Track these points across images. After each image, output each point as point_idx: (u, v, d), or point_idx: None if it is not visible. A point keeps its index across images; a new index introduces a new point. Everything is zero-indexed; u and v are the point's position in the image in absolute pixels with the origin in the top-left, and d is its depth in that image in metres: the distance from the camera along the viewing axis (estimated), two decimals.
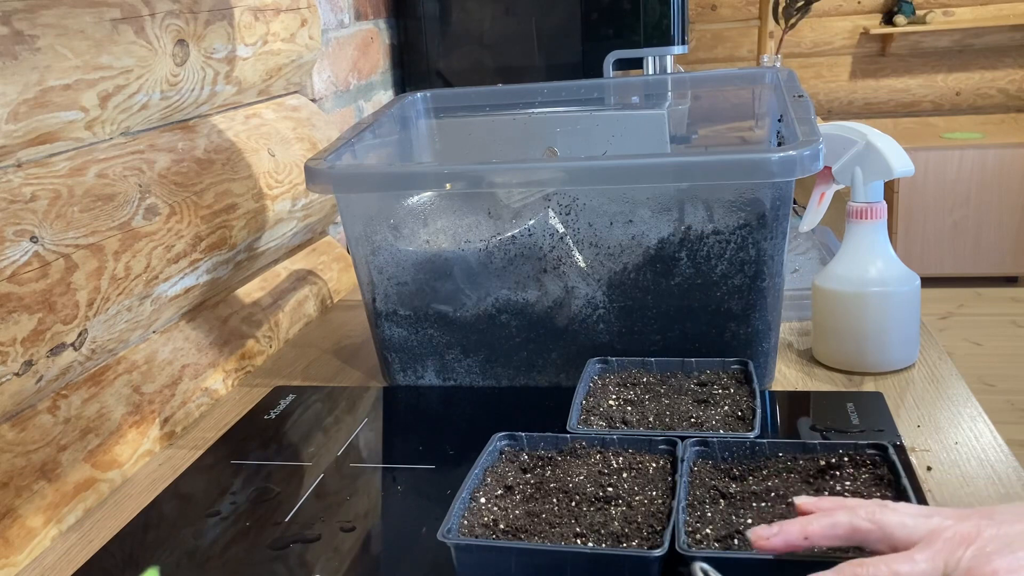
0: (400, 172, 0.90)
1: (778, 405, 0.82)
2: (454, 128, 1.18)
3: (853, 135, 0.88)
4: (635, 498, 0.61)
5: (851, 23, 3.96)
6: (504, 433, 0.69)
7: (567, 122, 1.17)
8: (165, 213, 0.87)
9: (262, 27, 1.07)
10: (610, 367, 0.82)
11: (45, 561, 0.68)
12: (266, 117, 1.12)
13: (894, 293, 0.84)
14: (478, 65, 1.57)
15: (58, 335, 0.72)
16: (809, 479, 0.62)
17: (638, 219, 0.81)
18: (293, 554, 0.65)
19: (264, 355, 1.05)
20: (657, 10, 1.43)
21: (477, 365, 0.89)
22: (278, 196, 1.07)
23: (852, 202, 0.87)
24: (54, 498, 0.72)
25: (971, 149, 3.39)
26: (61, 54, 0.75)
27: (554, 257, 0.84)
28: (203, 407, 0.92)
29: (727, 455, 0.66)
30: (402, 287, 0.88)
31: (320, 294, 1.21)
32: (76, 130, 0.79)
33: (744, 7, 3.95)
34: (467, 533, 0.58)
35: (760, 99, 1.16)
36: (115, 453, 0.79)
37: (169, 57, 0.89)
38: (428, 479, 0.74)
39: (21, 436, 0.71)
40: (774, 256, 0.80)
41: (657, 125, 1.18)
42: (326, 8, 1.35)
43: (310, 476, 0.75)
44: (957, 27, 3.69)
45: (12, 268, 0.68)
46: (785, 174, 0.74)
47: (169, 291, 0.87)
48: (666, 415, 0.73)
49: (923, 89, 3.95)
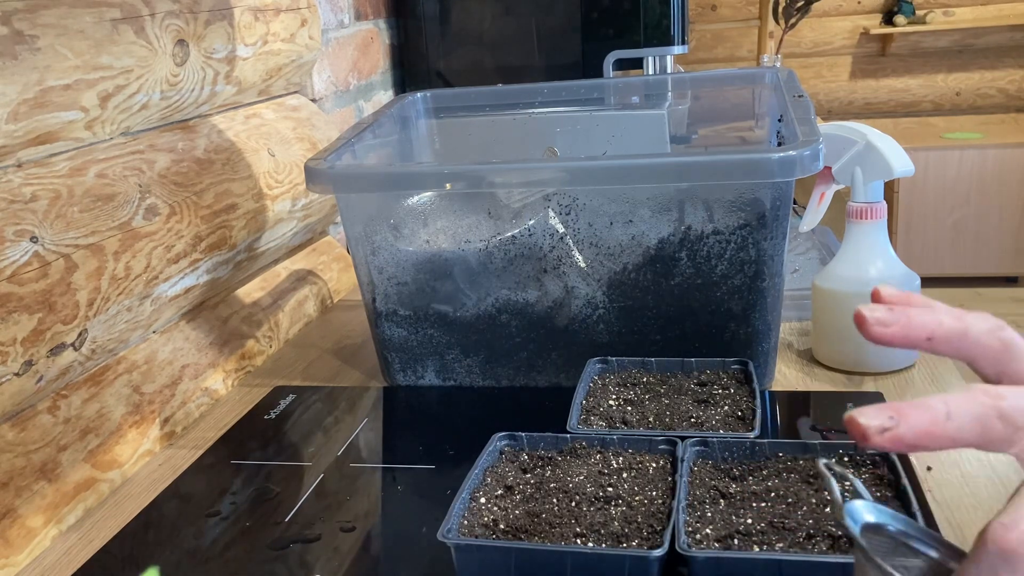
0: (400, 172, 0.90)
1: (778, 405, 0.82)
2: (454, 128, 1.18)
3: (853, 135, 0.88)
4: (635, 498, 0.61)
5: (851, 23, 3.96)
6: (504, 433, 0.69)
7: (567, 122, 1.17)
8: (165, 213, 0.87)
9: (262, 27, 1.07)
10: (610, 367, 0.82)
11: (45, 561, 0.68)
12: (266, 117, 1.12)
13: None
14: (478, 65, 1.57)
15: (58, 335, 0.72)
16: (809, 479, 0.62)
17: (638, 219, 0.82)
18: (293, 554, 0.65)
19: (264, 355, 1.05)
20: (657, 10, 1.43)
21: (477, 365, 0.89)
22: (278, 196, 1.07)
23: (852, 202, 0.87)
24: (54, 498, 0.72)
25: (971, 149, 3.39)
26: (61, 54, 0.75)
27: (554, 257, 0.84)
28: (203, 407, 0.92)
29: (727, 455, 0.66)
30: (402, 287, 0.88)
31: (320, 294, 1.21)
32: (76, 130, 0.79)
33: (744, 7, 3.95)
34: (467, 533, 0.58)
35: (760, 99, 1.16)
36: (115, 453, 0.79)
37: (169, 57, 0.89)
38: (428, 479, 0.74)
39: (21, 436, 0.71)
40: (774, 256, 0.80)
41: (657, 125, 1.18)
42: (326, 8, 1.35)
43: (310, 476, 0.75)
44: (957, 27, 3.70)
45: (12, 268, 0.68)
46: (785, 174, 0.74)
47: (169, 291, 0.87)
48: (666, 415, 0.73)
49: (923, 89, 3.95)
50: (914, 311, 0.40)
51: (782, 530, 0.56)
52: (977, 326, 0.39)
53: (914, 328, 0.39)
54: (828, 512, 0.58)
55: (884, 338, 0.40)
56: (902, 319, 0.39)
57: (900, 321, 0.39)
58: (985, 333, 0.39)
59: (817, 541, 0.55)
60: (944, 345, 0.40)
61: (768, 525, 0.57)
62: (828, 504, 0.59)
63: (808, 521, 0.57)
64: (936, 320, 0.39)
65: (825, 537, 0.55)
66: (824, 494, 0.60)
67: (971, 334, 0.39)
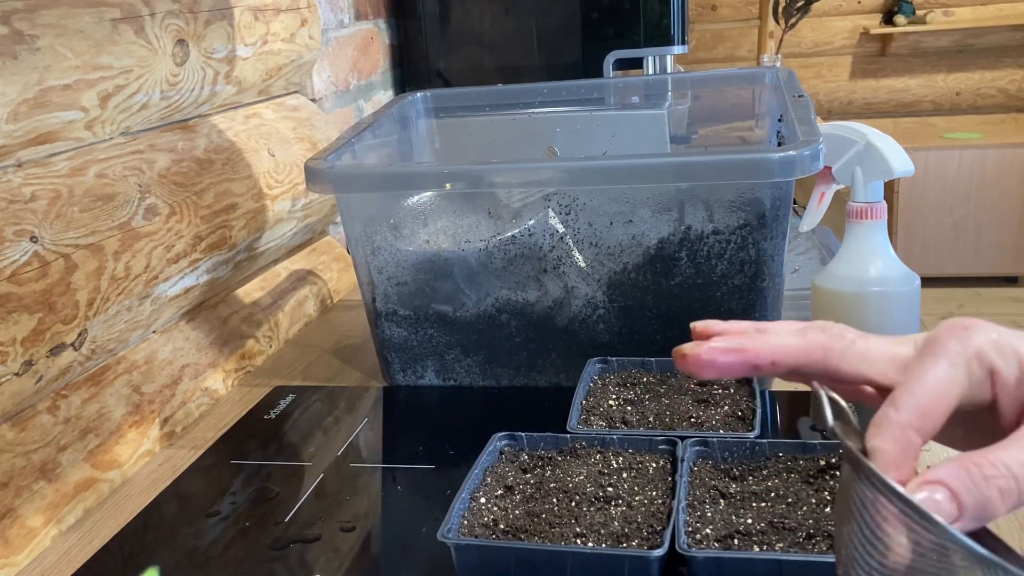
0: (400, 172, 0.90)
1: (778, 405, 0.82)
2: (454, 128, 1.18)
3: (853, 135, 0.87)
4: (635, 498, 0.61)
5: (851, 23, 3.96)
6: (504, 433, 0.69)
7: (567, 122, 1.17)
8: (165, 213, 0.87)
9: (262, 27, 1.07)
10: (610, 367, 0.82)
11: (45, 561, 0.68)
12: (266, 117, 1.12)
13: (894, 293, 0.84)
14: (478, 65, 1.57)
15: (58, 335, 0.72)
16: (809, 479, 0.62)
17: (638, 219, 0.82)
18: (293, 554, 0.65)
19: (264, 355, 1.05)
20: (657, 10, 1.43)
21: (477, 365, 0.89)
22: (278, 196, 1.07)
23: (852, 202, 0.87)
24: (54, 498, 0.72)
25: (971, 149, 3.39)
26: (61, 54, 0.75)
27: (554, 257, 0.84)
28: (203, 407, 0.92)
29: (727, 455, 0.66)
30: (402, 287, 0.88)
31: (320, 294, 1.21)
32: (76, 130, 0.79)
33: (744, 7, 3.95)
34: (467, 533, 0.58)
35: (760, 99, 1.16)
36: (115, 453, 0.79)
37: (169, 57, 0.89)
38: (428, 479, 0.74)
39: (21, 436, 0.71)
40: (774, 256, 0.80)
41: (657, 125, 1.18)
42: (326, 8, 1.35)
43: (310, 476, 0.75)
44: (957, 27, 3.70)
45: (12, 268, 0.68)
46: (785, 174, 0.74)
47: (169, 291, 0.87)
48: (666, 415, 0.73)
49: (923, 89, 3.95)
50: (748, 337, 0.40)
51: (782, 530, 0.56)
52: (814, 331, 0.39)
53: (747, 349, 0.39)
54: (828, 512, 0.58)
55: (705, 363, 0.40)
56: (726, 343, 0.40)
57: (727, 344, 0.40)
58: (830, 331, 0.39)
59: (817, 541, 0.55)
60: (783, 352, 0.39)
61: (768, 525, 0.57)
62: (829, 503, 0.59)
63: (808, 521, 0.57)
64: (764, 333, 0.40)
65: (825, 537, 0.55)
66: (824, 493, 0.60)
67: (812, 336, 0.39)
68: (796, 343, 0.39)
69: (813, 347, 0.39)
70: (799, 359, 0.39)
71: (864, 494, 0.34)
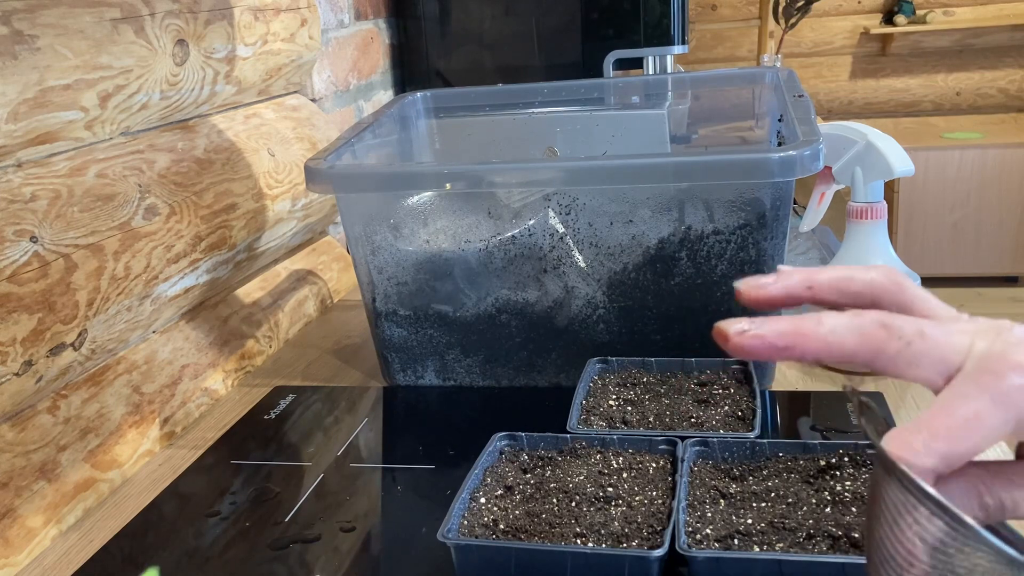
0: (400, 172, 0.90)
1: (778, 405, 0.82)
2: (454, 128, 1.18)
3: (853, 135, 0.88)
4: (635, 498, 0.61)
5: (851, 23, 3.96)
6: (504, 433, 0.69)
7: (567, 122, 1.17)
8: (165, 213, 0.87)
9: (262, 27, 1.07)
10: (610, 367, 0.82)
11: (45, 561, 0.68)
12: (266, 117, 1.12)
13: None
14: (478, 65, 1.57)
15: (58, 335, 0.72)
16: (809, 479, 0.62)
17: (638, 219, 0.82)
18: (293, 554, 0.65)
19: (264, 355, 1.05)
20: (657, 10, 1.43)
21: (477, 365, 0.89)
22: (278, 196, 1.07)
23: (852, 202, 0.87)
24: (54, 498, 0.72)
25: (971, 149, 3.39)
26: (61, 54, 0.75)
27: (554, 257, 0.84)
28: (203, 407, 0.92)
29: (727, 455, 0.66)
30: (402, 287, 0.88)
31: (320, 294, 1.21)
32: (76, 130, 0.79)
33: (744, 7, 3.95)
34: (467, 533, 0.58)
35: (760, 99, 1.16)
36: (115, 453, 0.79)
37: (169, 57, 0.89)
38: (428, 479, 0.74)
39: (21, 436, 0.71)
40: (774, 256, 0.80)
41: (657, 125, 1.18)
42: (326, 8, 1.35)
43: (310, 476, 0.75)
44: (957, 27, 3.69)
45: (12, 268, 0.68)
46: (785, 174, 0.74)
47: (169, 291, 0.87)
48: (666, 415, 0.73)
49: (923, 89, 3.95)
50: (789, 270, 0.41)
51: (782, 530, 0.56)
52: (862, 273, 0.40)
53: (792, 281, 0.41)
54: (828, 512, 0.58)
55: (765, 298, 0.42)
56: (772, 278, 0.41)
57: (771, 280, 0.41)
58: (882, 275, 0.39)
59: (817, 541, 0.55)
60: (828, 291, 0.41)
61: (768, 525, 0.57)
62: (829, 503, 0.59)
63: (808, 521, 0.57)
64: (810, 271, 0.40)
65: (825, 537, 0.55)
66: (824, 493, 0.60)
67: (857, 278, 0.40)
68: (849, 343, 0.38)
69: (864, 348, 0.37)
70: (846, 358, 0.38)
71: (895, 496, 0.34)
